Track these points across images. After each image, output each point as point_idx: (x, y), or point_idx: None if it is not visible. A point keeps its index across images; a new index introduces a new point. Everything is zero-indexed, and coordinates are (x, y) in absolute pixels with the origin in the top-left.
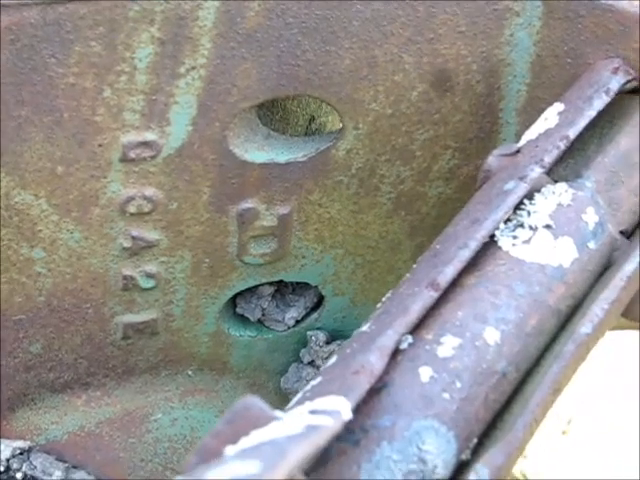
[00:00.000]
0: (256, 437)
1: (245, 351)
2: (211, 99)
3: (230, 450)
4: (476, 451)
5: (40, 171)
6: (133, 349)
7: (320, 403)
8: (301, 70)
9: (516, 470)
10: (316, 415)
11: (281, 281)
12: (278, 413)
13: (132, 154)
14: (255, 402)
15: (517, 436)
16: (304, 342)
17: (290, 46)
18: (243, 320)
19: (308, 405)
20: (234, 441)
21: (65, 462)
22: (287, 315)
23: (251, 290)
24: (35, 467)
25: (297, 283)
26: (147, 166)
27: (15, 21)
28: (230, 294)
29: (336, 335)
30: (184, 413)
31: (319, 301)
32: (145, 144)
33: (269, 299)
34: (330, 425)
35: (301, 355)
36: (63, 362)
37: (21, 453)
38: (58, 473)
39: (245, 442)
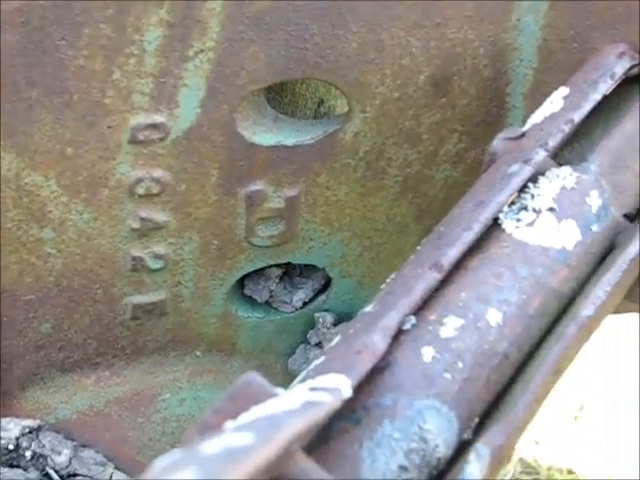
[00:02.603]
0: (255, 413)
1: (253, 332)
2: (219, 82)
3: (229, 425)
4: (477, 431)
5: (50, 152)
6: (142, 330)
7: (321, 381)
8: (309, 53)
9: (529, 456)
10: (315, 392)
11: (289, 263)
12: (278, 390)
13: (141, 136)
14: (255, 379)
15: (518, 416)
16: (312, 324)
17: (298, 29)
18: (251, 302)
19: (309, 383)
20: (234, 417)
21: (74, 441)
22: (295, 297)
23: (259, 272)
24: (44, 446)
25: (305, 265)
26: (156, 148)
27: (26, 3)
28: (238, 276)
29: (343, 317)
30: (192, 393)
31: (327, 283)
32: (154, 126)
33: (277, 281)
34: (328, 401)
35: (309, 337)
36: (72, 342)
37: (30, 432)
38: (67, 452)
39: (245, 418)
